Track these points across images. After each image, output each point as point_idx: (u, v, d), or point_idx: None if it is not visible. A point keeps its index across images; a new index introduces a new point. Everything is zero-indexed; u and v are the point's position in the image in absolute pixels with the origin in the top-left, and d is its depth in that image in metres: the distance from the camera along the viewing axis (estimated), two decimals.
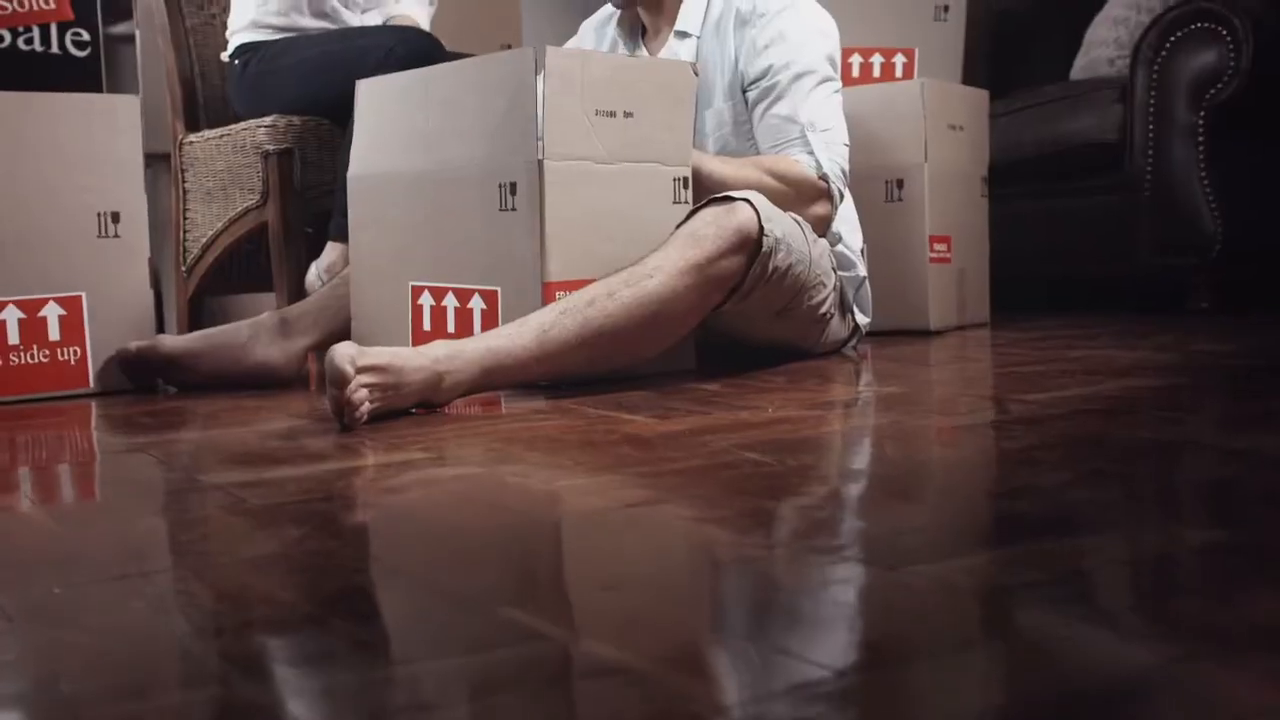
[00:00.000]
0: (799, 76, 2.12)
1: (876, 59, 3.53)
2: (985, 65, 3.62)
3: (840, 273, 2.17)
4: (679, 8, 2.24)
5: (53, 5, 3.42)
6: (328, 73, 2.53)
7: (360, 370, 1.50)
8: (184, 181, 2.78)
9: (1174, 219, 2.67)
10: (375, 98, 2.09)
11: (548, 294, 1.81)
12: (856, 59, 3.55)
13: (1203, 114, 2.62)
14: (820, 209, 2.08)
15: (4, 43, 3.35)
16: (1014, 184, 2.84)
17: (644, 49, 2.30)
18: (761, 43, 2.14)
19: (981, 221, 2.70)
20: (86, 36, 3.43)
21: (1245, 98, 2.59)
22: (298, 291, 2.54)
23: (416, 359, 1.59)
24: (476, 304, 1.92)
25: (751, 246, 1.84)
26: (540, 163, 1.81)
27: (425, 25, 2.81)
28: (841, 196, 2.12)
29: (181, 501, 1.14)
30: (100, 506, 1.15)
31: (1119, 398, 1.51)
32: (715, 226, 1.82)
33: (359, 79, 2.42)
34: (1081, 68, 3.26)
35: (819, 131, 2.09)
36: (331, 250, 2.50)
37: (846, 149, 2.13)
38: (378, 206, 2.08)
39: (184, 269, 2.81)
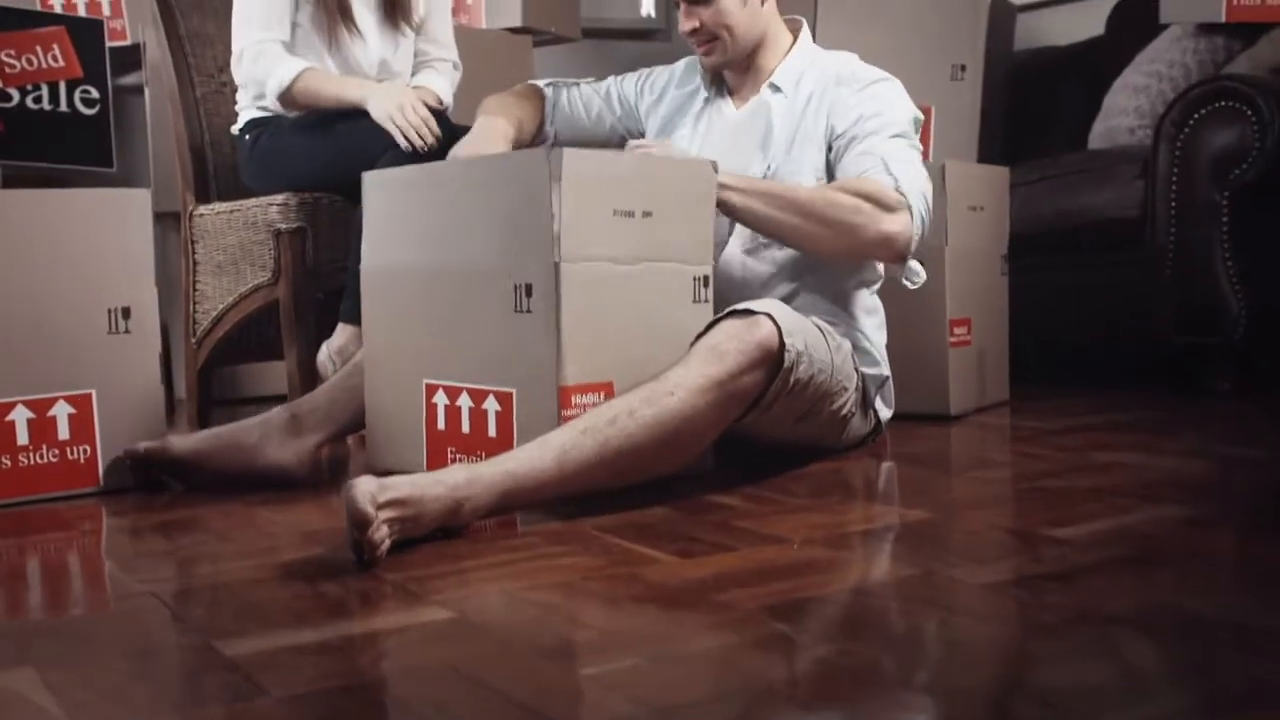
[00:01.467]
0: (884, 126, 2.13)
1: None
2: (1002, 124, 3.59)
3: (863, 369, 2.14)
4: (773, 67, 2.25)
5: (62, 63, 3.40)
6: (339, 152, 2.50)
7: (381, 507, 1.47)
8: (194, 253, 2.75)
9: (1196, 298, 2.64)
10: (383, 190, 2.07)
11: (564, 399, 1.79)
12: None
13: (1226, 194, 2.58)
14: (897, 224, 2.02)
15: (12, 102, 3.34)
16: (1034, 255, 2.81)
17: (729, 101, 2.29)
18: (854, 100, 2.16)
19: (1001, 300, 2.67)
20: (95, 94, 3.42)
21: (1270, 178, 2.56)
22: (309, 370, 2.51)
23: (435, 488, 1.56)
24: (491, 405, 1.89)
25: (773, 361, 1.82)
26: (557, 265, 1.78)
27: (447, 96, 2.78)
28: (924, 225, 2.07)
29: (197, 689, 1.10)
30: (110, 690, 1.12)
31: (1153, 539, 1.48)
32: (737, 341, 1.79)
33: (372, 159, 2.41)
34: (1100, 134, 3.23)
35: (900, 162, 2.08)
36: (343, 332, 2.47)
37: (930, 184, 2.11)
38: (391, 300, 2.05)
39: (194, 340, 2.78)
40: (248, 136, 2.65)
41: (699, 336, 1.85)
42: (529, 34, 3.71)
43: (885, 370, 2.20)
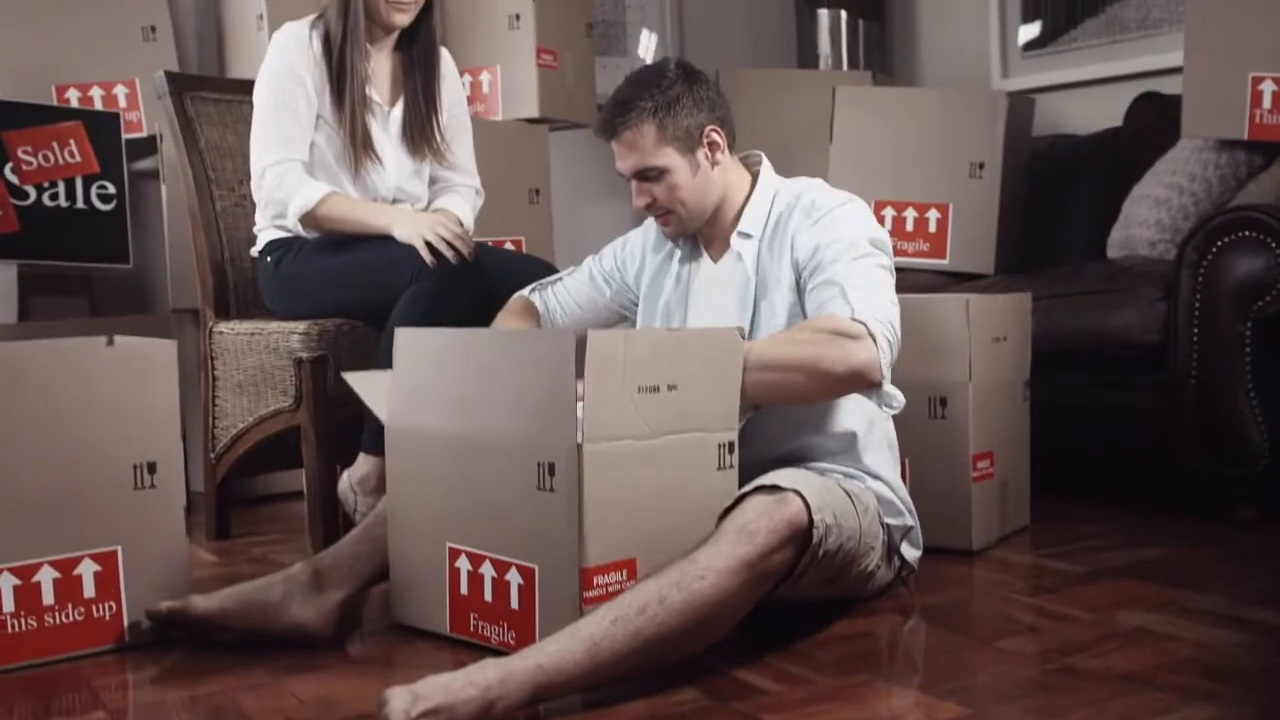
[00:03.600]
0: (842, 253, 2.08)
1: (910, 213, 3.53)
2: (1020, 220, 3.59)
3: (889, 520, 2.13)
4: (738, 215, 2.22)
5: (79, 158, 3.40)
6: (362, 279, 2.51)
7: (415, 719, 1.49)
8: (214, 368, 2.75)
9: (1218, 428, 2.63)
10: (414, 350, 2.06)
11: (586, 580, 1.79)
12: (890, 212, 3.55)
13: (1250, 324, 2.58)
14: (863, 351, 1.96)
15: (29, 199, 3.33)
16: (1054, 370, 2.79)
17: (705, 254, 2.27)
18: (813, 230, 2.12)
19: (1023, 428, 2.66)
20: (112, 189, 3.42)
21: None
22: (330, 497, 2.51)
23: (467, 690, 1.57)
24: (514, 578, 1.89)
25: (802, 538, 1.82)
26: (579, 447, 1.78)
27: (469, 220, 2.78)
28: (891, 347, 2.03)
29: None
30: None
31: None
32: (767, 519, 1.80)
33: (395, 286, 2.41)
34: (1119, 241, 3.22)
35: (855, 288, 2.04)
36: (364, 462, 2.47)
37: (894, 308, 2.07)
38: (416, 460, 2.05)
39: (213, 456, 2.78)
40: (269, 259, 2.65)
41: (727, 512, 1.85)
42: (545, 123, 3.71)
43: (910, 520, 2.19)
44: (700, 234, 2.27)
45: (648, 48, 4.55)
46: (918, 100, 3.69)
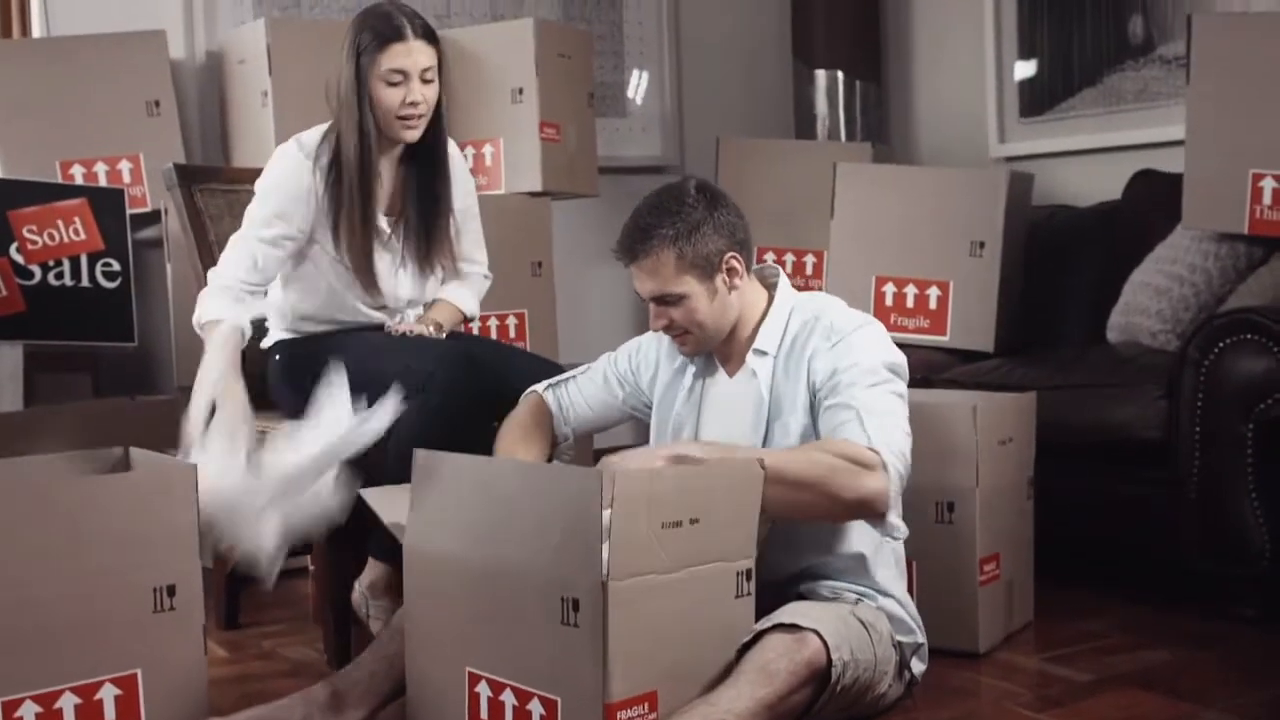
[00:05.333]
0: (859, 378, 2.12)
1: (911, 289, 3.56)
2: (1019, 298, 3.62)
3: (900, 637, 2.16)
4: (754, 332, 2.25)
5: (84, 235, 3.40)
6: (365, 392, 2.48)
7: None
8: None
9: (1220, 527, 2.66)
10: (433, 472, 2.07)
11: (609, 715, 1.82)
12: (891, 288, 3.58)
13: (1252, 426, 2.61)
14: (874, 482, 2.02)
15: (34, 279, 3.34)
16: (1057, 460, 2.81)
17: (720, 368, 2.30)
18: (830, 354, 2.15)
19: (1027, 527, 2.69)
20: (117, 267, 3.42)
21: None
22: (343, 608, 2.52)
23: None
24: (535, 708, 1.91)
25: (821, 676, 1.86)
26: (604, 584, 1.80)
27: (473, 308, 2.79)
28: (901, 479, 2.08)
29: None
30: None
31: None
32: (787, 660, 1.83)
33: (398, 397, 2.42)
34: (1120, 327, 3.26)
35: (872, 415, 2.08)
36: (373, 568, 2.48)
37: (907, 440, 2.11)
38: (435, 582, 2.06)
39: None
40: (277, 357, 2.66)
41: (747, 647, 1.88)
42: (547, 195, 3.72)
43: (920, 637, 2.22)
44: (716, 350, 2.29)
45: (638, 88, 4.57)
46: (919, 178, 3.73)
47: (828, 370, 2.14)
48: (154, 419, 3.35)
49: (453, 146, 2.79)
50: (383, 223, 2.64)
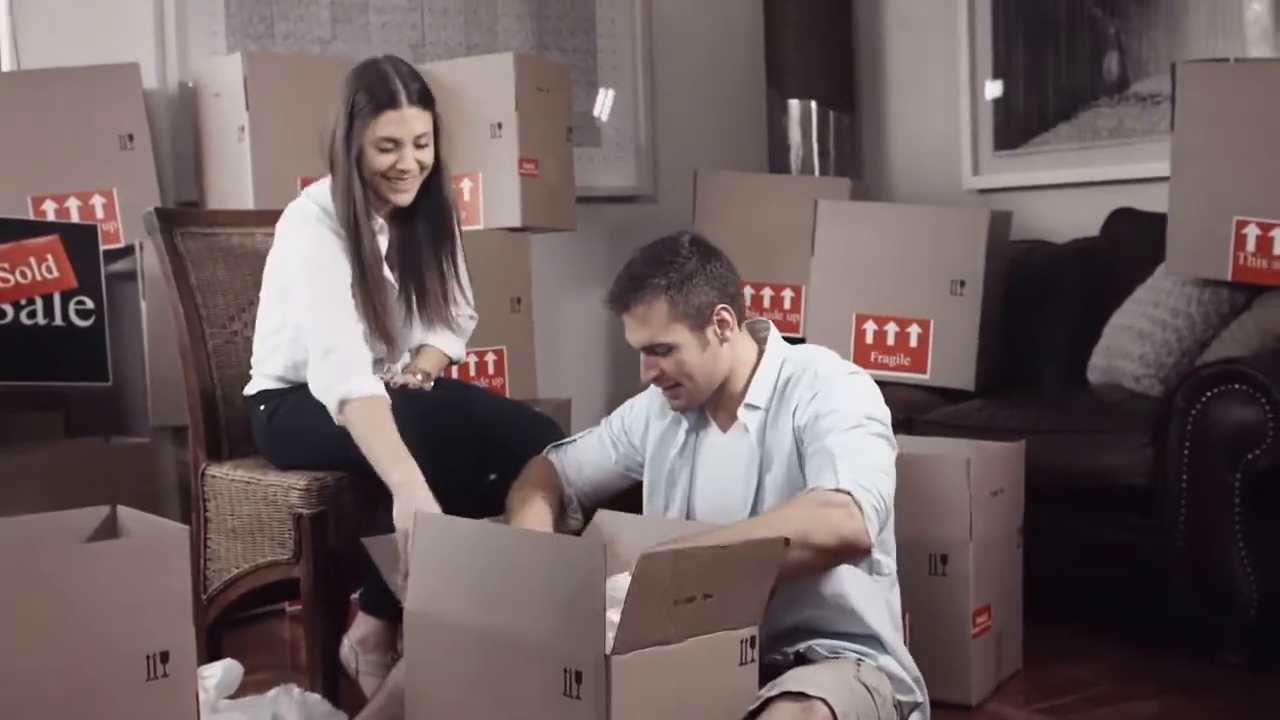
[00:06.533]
0: (837, 424, 2.11)
1: (891, 327, 3.57)
2: (999, 336, 3.64)
3: (900, 696, 2.15)
4: (745, 387, 2.23)
5: (56, 274, 3.34)
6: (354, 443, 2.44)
7: None
8: (205, 511, 2.72)
9: (1207, 575, 2.68)
10: (436, 536, 2.05)
11: None
12: (871, 326, 3.59)
13: (1239, 476, 2.63)
14: (849, 521, 2.00)
15: (6, 318, 3.27)
16: (1043, 504, 2.82)
17: (713, 422, 2.29)
18: (813, 402, 2.14)
19: (1017, 576, 2.70)
20: (90, 305, 3.36)
21: None
22: (332, 662, 2.49)
23: None
24: None
25: None
26: (608, 658, 1.78)
27: (458, 352, 2.76)
28: (878, 513, 2.05)
29: None
30: None
31: None
32: None
33: None
34: (1102, 369, 3.27)
35: (844, 456, 2.06)
36: (364, 623, 2.46)
37: (884, 476, 2.10)
38: (436, 648, 2.04)
39: (204, 596, 2.75)
40: (262, 408, 2.62)
41: (753, 714, 1.86)
42: (526, 231, 3.70)
43: (920, 695, 2.21)
44: (707, 404, 2.28)
45: (604, 105, 4.54)
46: (900, 216, 3.74)
47: (809, 416, 2.13)
48: (130, 462, 3.32)
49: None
50: (390, 277, 2.60)
